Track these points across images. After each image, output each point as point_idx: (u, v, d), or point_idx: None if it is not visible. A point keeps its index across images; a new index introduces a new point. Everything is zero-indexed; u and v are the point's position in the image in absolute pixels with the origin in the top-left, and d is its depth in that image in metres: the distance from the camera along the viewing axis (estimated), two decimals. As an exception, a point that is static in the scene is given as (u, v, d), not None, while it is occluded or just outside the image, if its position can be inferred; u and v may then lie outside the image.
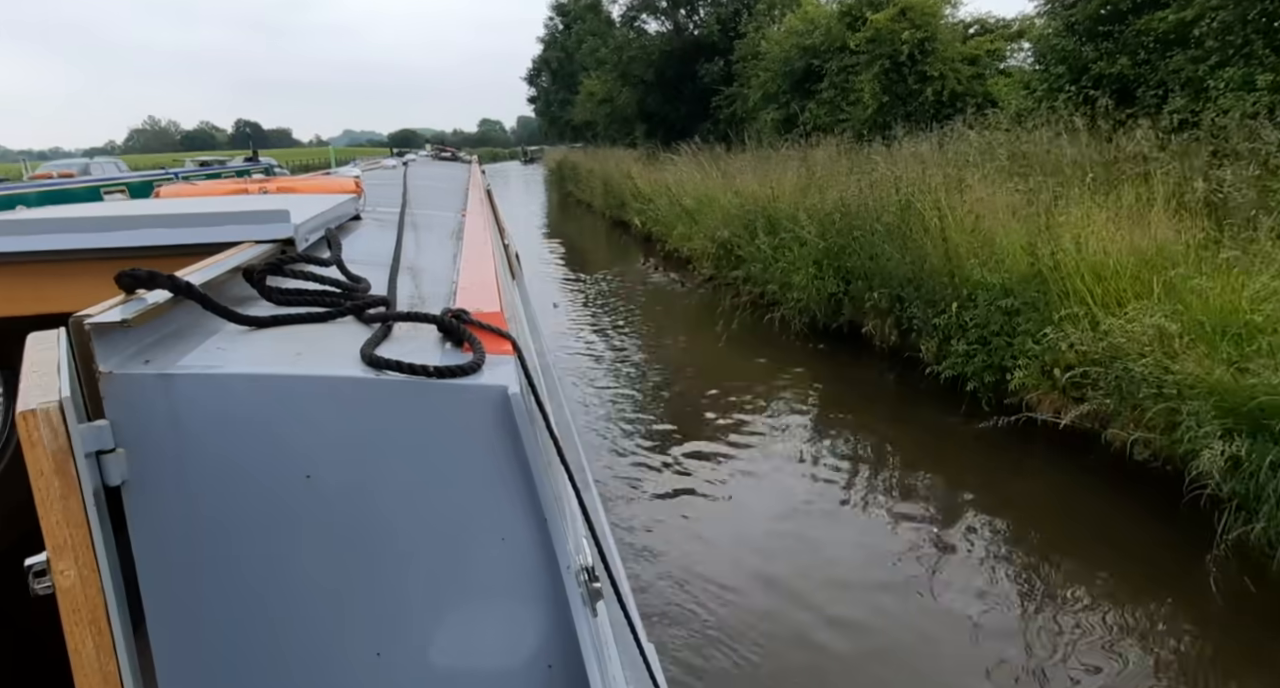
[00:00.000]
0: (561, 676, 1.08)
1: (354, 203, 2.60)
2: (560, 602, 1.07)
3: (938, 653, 3.46)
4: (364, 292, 1.36)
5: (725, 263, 10.40)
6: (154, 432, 0.91)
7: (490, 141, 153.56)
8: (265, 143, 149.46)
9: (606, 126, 31.34)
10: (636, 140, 28.91)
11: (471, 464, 1.04)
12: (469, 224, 2.86)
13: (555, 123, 57.59)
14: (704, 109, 26.08)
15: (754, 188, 10.40)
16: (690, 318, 9.82)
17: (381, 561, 1.01)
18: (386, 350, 1.05)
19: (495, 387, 1.02)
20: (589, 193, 24.84)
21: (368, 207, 2.85)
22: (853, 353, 7.54)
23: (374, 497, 1.00)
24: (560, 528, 1.07)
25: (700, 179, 12.53)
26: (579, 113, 41.11)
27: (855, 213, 7.66)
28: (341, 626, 1.01)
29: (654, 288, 12.16)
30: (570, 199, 29.79)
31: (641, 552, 4.34)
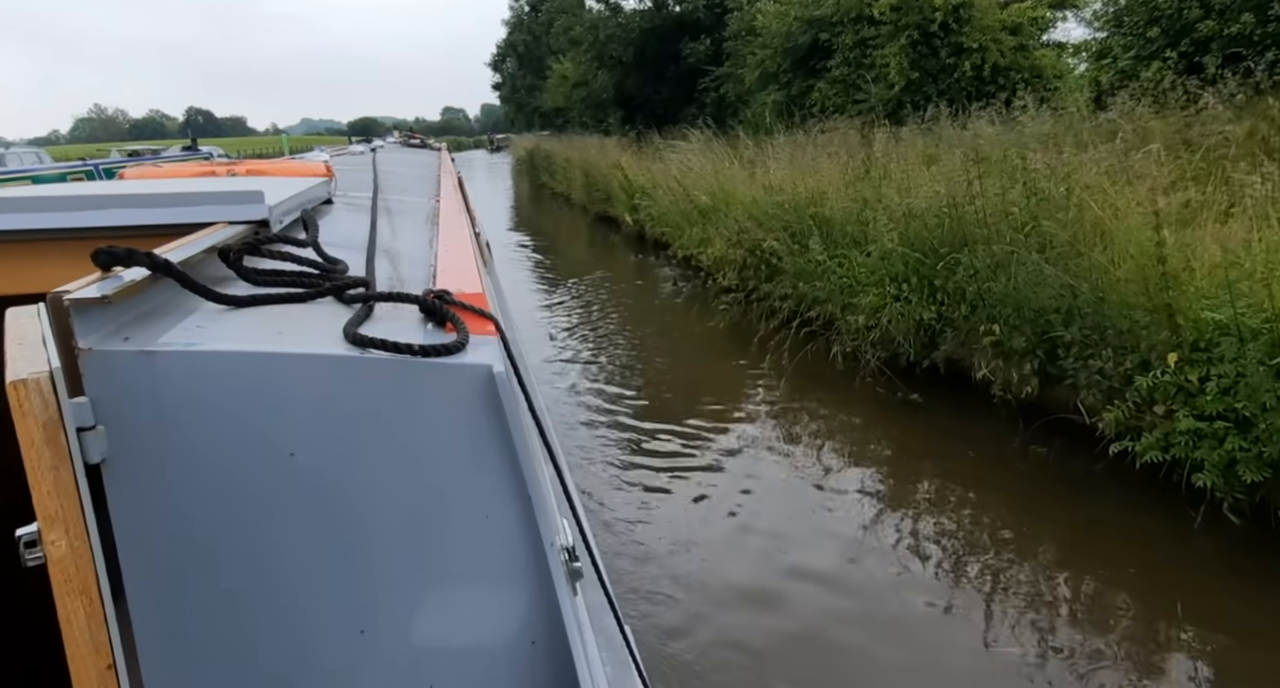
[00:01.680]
0: (544, 653, 1.09)
1: (326, 186, 2.49)
2: (544, 580, 1.08)
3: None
4: (342, 273, 1.33)
5: (756, 274, 8.41)
6: (135, 409, 0.90)
7: (454, 130, 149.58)
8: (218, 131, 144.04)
9: (581, 112, 29.06)
10: (611, 127, 26.76)
11: (456, 442, 1.04)
12: (444, 209, 2.79)
13: (523, 109, 55.05)
14: (689, 92, 24.05)
15: (791, 181, 8.38)
16: (718, 346, 7.79)
17: (365, 538, 1.01)
18: (369, 330, 1.04)
19: (480, 366, 1.02)
20: (566, 184, 22.61)
21: (339, 191, 2.75)
22: (957, 406, 5.58)
23: (358, 474, 1.00)
24: (543, 507, 1.08)
25: (712, 170, 10.46)
26: (549, 98, 38.78)
27: (968, 215, 5.68)
28: (325, 603, 1.01)
29: (664, 303, 10.12)
30: (544, 191, 27.46)
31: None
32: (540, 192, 28.02)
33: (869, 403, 5.89)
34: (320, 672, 1.03)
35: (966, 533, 4.14)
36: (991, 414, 5.28)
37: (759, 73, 18.00)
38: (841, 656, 3.31)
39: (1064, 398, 4.82)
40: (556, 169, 24.30)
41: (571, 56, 29.78)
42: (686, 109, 23.80)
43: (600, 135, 25.93)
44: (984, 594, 3.61)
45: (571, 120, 34.89)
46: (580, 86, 28.34)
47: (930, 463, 4.97)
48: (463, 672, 1.10)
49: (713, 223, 9.45)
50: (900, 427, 5.50)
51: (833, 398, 6.12)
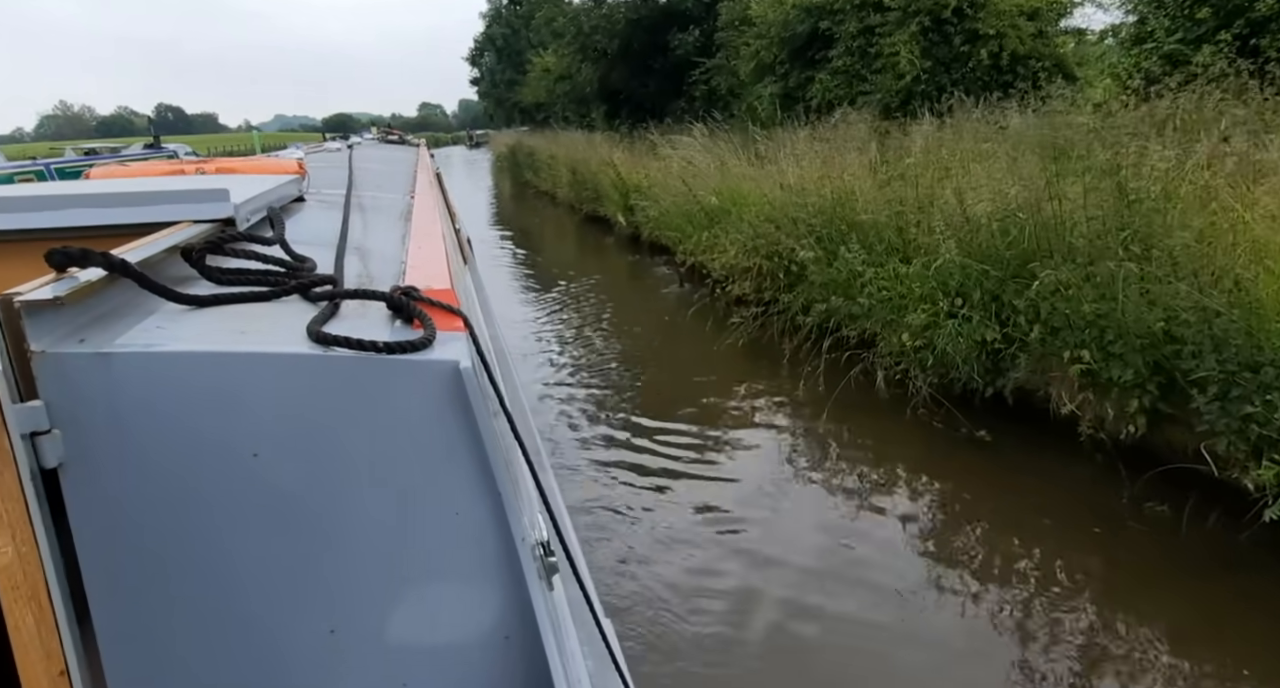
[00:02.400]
0: (519, 647, 1.09)
1: (297, 184, 2.43)
2: (516, 575, 1.07)
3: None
4: (309, 271, 1.30)
5: (773, 283, 7.58)
6: (92, 412, 0.89)
7: (431, 126, 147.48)
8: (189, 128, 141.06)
9: (564, 107, 28.06)
10: (595, 122, 25.79)
11: (423, 439, 1.03)
12: (418, 205, 2.73)
13: (502, 105, 53.84)
14: (676, 86, 23.16)
15: (812, 180, 7.54)
16: (739, 368, 6.94)
17: (333, 537, 1.00)
18: (334, 328, 1.02)
19: (446, 362, 1.01)
20: (551, 181, 21.65)
21: (312, 188, 2.70)
22: (1034, 446, 4.78)
23: (324, 474, 0.99)
24: (514, 502, 1.07)
25: (719, 168, 9.59)
26: (529, 93, 37.68)
27: (1048, 219, 4.86)
28: (293, 603, 1.00)
29: (670, 315, 9.27)
30: (527, 189, 26.45)
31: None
32: (523, 190, 27.01)
33: (927, 440, 5.07)
34: (290, 673, 1.02)
35: (1080, 619, 3.32)
36: (1080, 458, 4.48)
37: (754, 64, 17.17)
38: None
39: (1179, 442, 4.02)
40: (541, 166, 23.32)
41: (554, 49, 28.77)
42: (674, 103, 22.96)
43: (584, 130, 24.97)
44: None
45: (553, 115, 33.85)
46: (564, 80, 27.35)
47: (1011, 520, 4.15)
48: (437, 669, 1.09)
49: (722, 226, 8.60)
50: (971, 472, 4.68)
51: (882, 433, 5.30)
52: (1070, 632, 3.24)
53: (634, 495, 4.69)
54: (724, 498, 4.60)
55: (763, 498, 4.60)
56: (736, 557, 4.02)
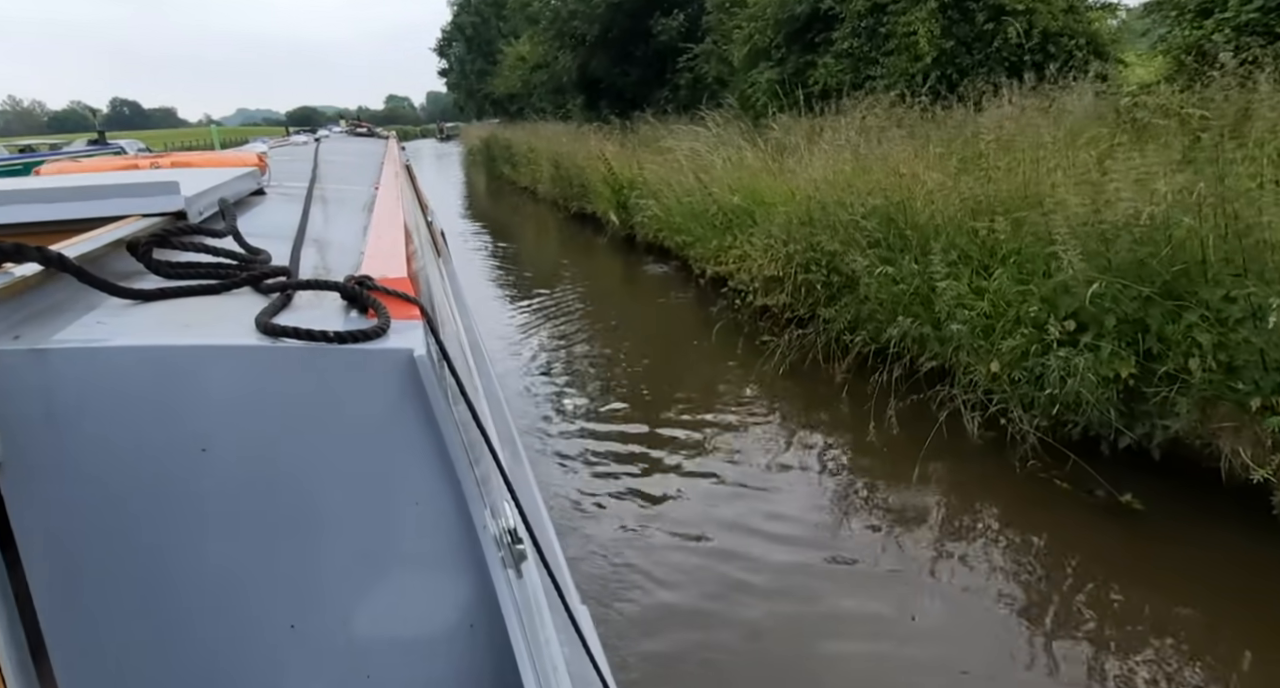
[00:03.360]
0: (484, 635, 1.08)
1: (255, 177, 2.34)
2: (480, 564, 1.06)
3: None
4: (263, 263, 1.28)
5: (808, 294, 6.51)
6: (29, 410, 0.88)
7: (399, 119, 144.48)
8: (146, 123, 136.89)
9: (541, 97, 26.73)
10: (572, 113, 24.52)
11: (380, 429, 1.02)
12: (382, 196, 2.65)
13: (473, 96, 52.21)
14: (659, 74, 22.03)
15: (854, 176, 6.44)
16: (786, 399, 5.83)
17: (289, 531, 0.99)
18: (287, 319, 1.01)
19: (400, 350, 0.99)
20: (531, 176, 20.37)
21: (273, 182, 2.62)
22: (1199, 517, 3.74)
23: (278, 467, 0.98)
24: (475, 491, 1.06)
25: (734, 163, 8.45)
26: (502, 83, 36.31)
27: (1223, 222, 3.79)
28: (250, 600, 0.99)
29: (687, 329, 8.14)
30: (504, 183, 25.09)
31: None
32: (500, 185, 25.64)
33: (1050, 504, 4.01)
34: (249, 669, 1.01)
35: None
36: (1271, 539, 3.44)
37: (748, 49, 16.05)
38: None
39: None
40: (519, 160, 22.02)
41: (530, 36, 27.43)
42: (657, 93, 21.87)
43: (560, 122, 23.70)
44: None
45: (528, 106, 32.47)
46: (540, 69, 26.03)
47: (1206, 629, 3.11)
48: (401, 660, 1.08)
49: (743, 229, 7.48)
50: (1124, 554, 3.62)
51: (991, 492, 4.23)
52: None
53: (707, 603, 3.57)
54: (823, 589, 3.51)
55: (879, 589, 3.52)
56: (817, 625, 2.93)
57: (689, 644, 3.27)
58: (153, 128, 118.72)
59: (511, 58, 30.82)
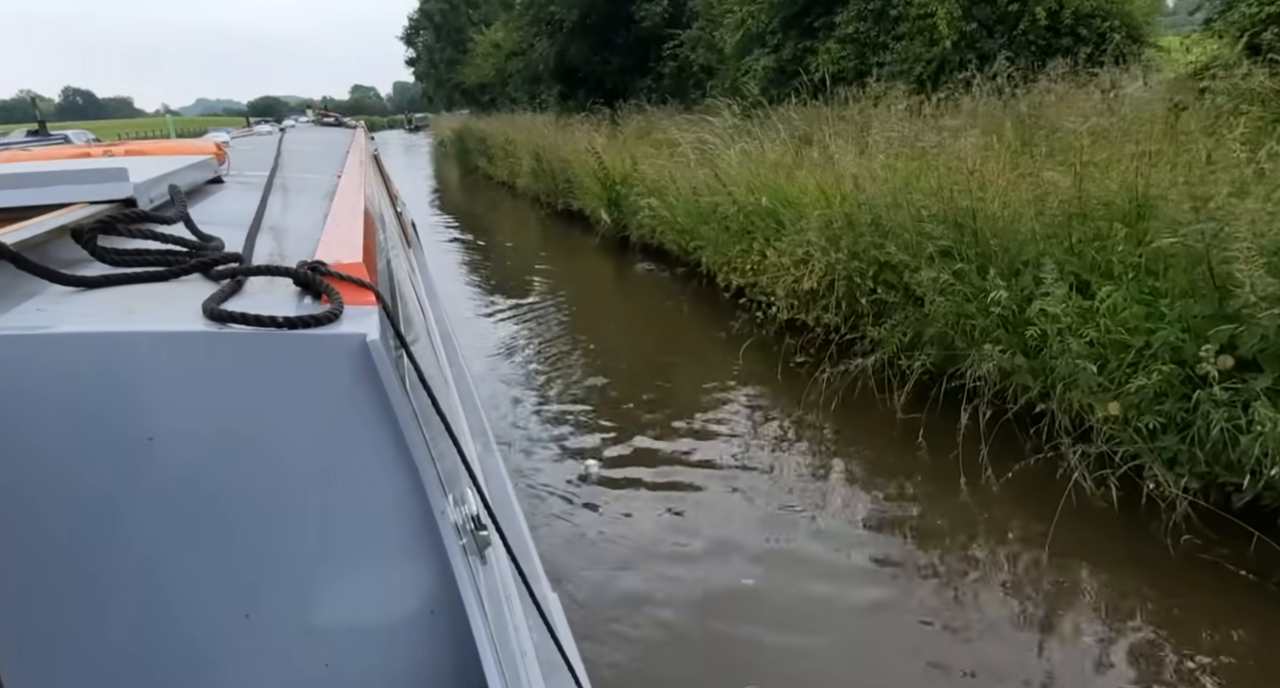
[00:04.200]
0: (446, 623, 1.07)
1: (211, 165, 2.29)
2: (441, 551, 1.05)
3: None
4: (215, 250, 1.24)
5: (850, 308, 5.64)
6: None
7: (365, 109, 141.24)
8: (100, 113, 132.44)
9: (517, 87, 25.54)
10: (546, 103, 23.41)
11: (333, 416, 1.00)
12: (344, 184, 2.51)
13: (442, 86, 50.67)
14: (641, 62, 21.05)
15: (909, 172, 5.55)
16: (853, 443, 4.93)
17: (241, 520, 0.98)
18: (236, 305, 0.98)
19: (353, 335, 0.97)
20: (509, 170, 19.26)
21: (233, 171, 2.58)
22: None
23: (227, 455, 0.96)
24: (433, 477, 1.04)
25: (734, 157, 7.49)
26: (473, 72, 35.00)
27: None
28: (203, 590, 0.99)
29: (705, 347, 7.22)
30: (479, 177, 23.88)
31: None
32: (475, 179, 24.42)
33: (1230, 600, 3.14)
34: (203, 662, 1.00)
35: None
36: None
37: (740, 34, 15.13)
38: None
39: None
40: (495, 152, 20.88)
41: (504, 22, 26.20)
42: (639, 81, 20.94)
43: (535, 113, 22.58)
44: None
45: (501, 97, 31.20)
46: (516, 57, 24.85)
47: None
48: (360, 649, 1.08)
49: (767, 233, 6.56)
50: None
51: (1139, 585, 3.35)
52: None
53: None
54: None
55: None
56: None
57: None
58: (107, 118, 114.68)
59: (484, 45, 29.55)
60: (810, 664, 3.01)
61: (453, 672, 1.09)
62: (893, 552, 3.71)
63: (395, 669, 1.09)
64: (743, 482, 4.41)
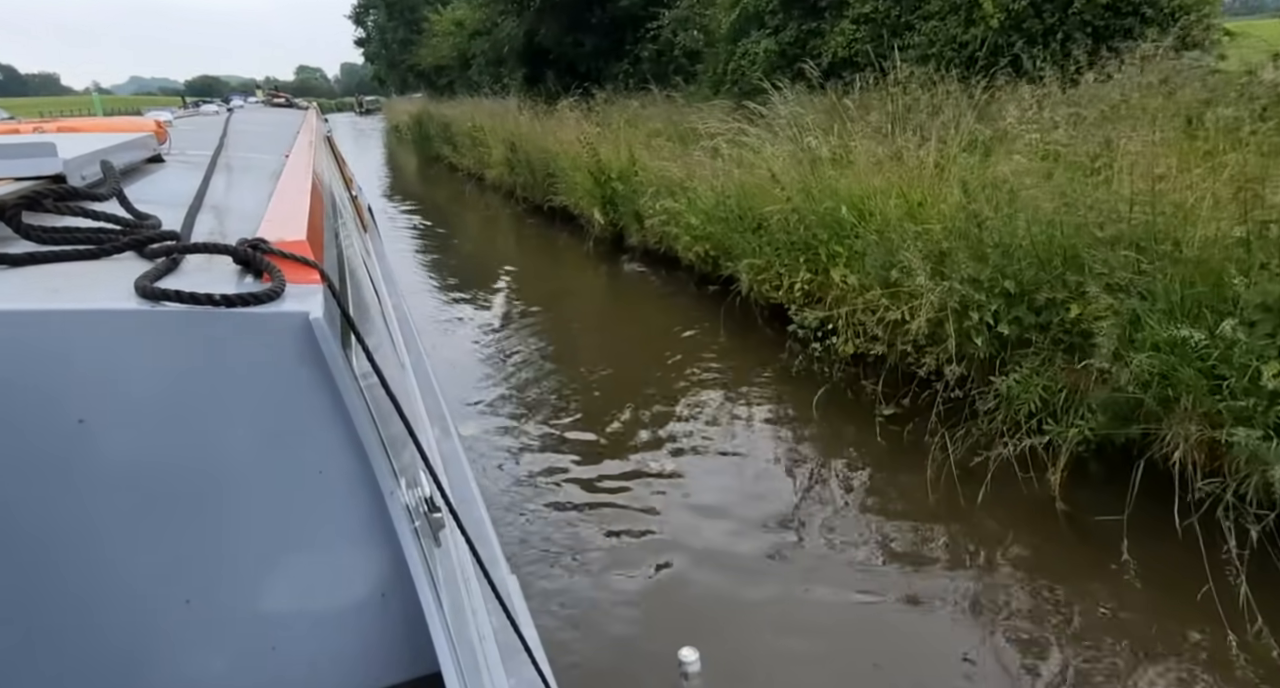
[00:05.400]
0: (397, 605, 1.05)
1: (150, 143, 2.21)
2: (391, 533, 1.02)
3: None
4: (151, 228, 1.19)
5: (960, 352, 4.41)
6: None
7: (311, 91, 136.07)
8: (24, 90, 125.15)
9: (481, 70, 23.79)
10: (510, 87, 21.78)
11: (276, 397, 0.96)
12: (292, 164, 2.45)
13: (395, 68, 48.22)
14: (617, 45, 19.61)
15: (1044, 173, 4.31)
16: (1004, 546, 3.67)
17: (181, 504, 0.95)
18: (174, 284, 0.93)
19: (295, 314, 0.94)
20: (476, 160, 17.64)
21: (174, 150, 2.51)
22: None
23: (167, 437, 0.92)
24: (382, 459, 1.02)
25: (783, 156, 6.15)
26: (429, 54, 32.95)
27: None
28: (141, 577, 0.95)
29: (770, 405, 5.92)
30: (441, 167, 22.09)
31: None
32: (437, 169, 22.61)
33: None
34: (142, 647, 0.97)
35: None
36: None
37: (737, 14, 13.82)
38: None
39: None
40: (461, 140, 19.21)
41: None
42: (615, 66, 19.54)
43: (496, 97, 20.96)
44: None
45: (460, 80, 29.31)
46: (480, 37, 23.09)
47: None
48: (309, 631, 1.04)
49: (835, 250, 5.27)
50: None
51: None
52: None
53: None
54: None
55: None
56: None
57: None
58: (31, 94, 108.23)
59: (444, 24, 27.62)
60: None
61: (404, 654, 1.08)
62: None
63: (345, 652, 1.07)
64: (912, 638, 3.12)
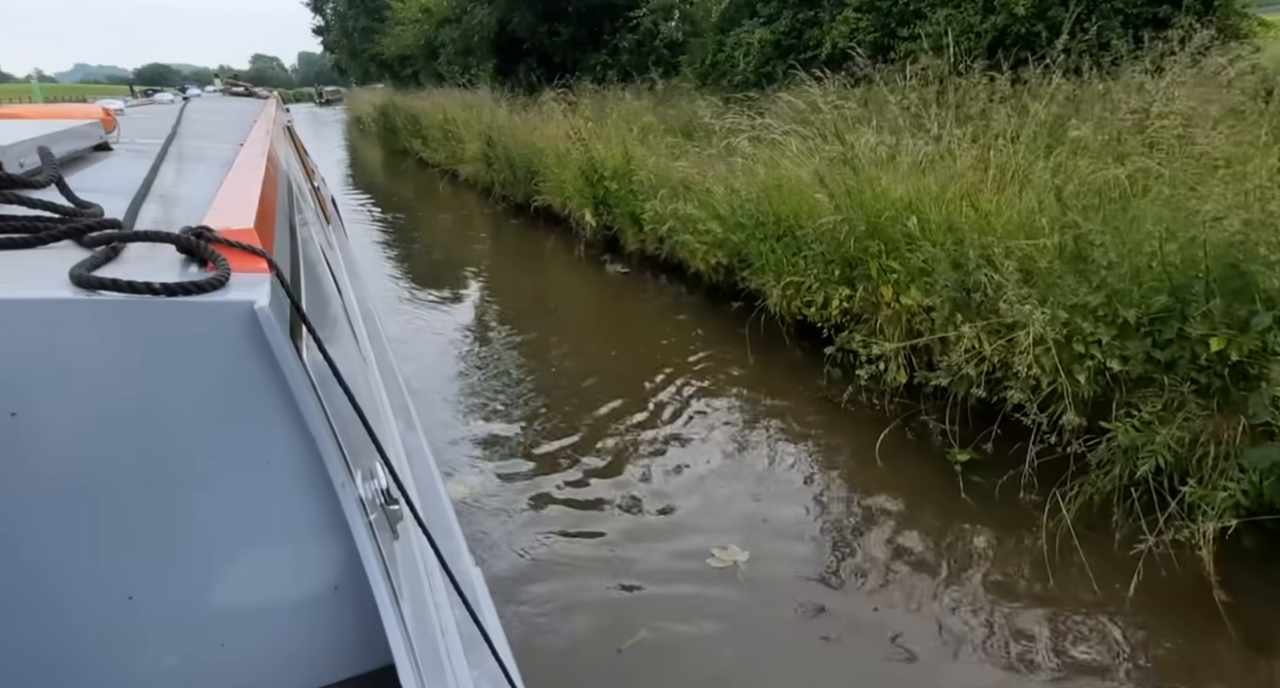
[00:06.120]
0: (351, 598, 1.03)
1: (96, 130, 2.16)
2: (343, 525, 1.00)
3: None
4: (92, 216, 1.16)
5: (1054, 393, 3.76)
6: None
7: (267, 81, 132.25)
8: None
9: (450, 59, 22.71)
10: (477, 78, 20.76)
11: (220, 387, 0.94)
12: (246, 152, 2.42)
13: (357, 57, 46.59)
14: (595, 35, 18.76)
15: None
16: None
17: (121, 498, 0.93)
18: (112, 272, 0.92)
19: (239, 303, 0.93)
20: (448, 154, 16.66)
21: (124, 138, 2.46)
22: None
23: (103, 430, 0.90)
24: (332, 450, 1.00)
25: (881, 152, 5.41)
26: (393, 43, 31.66)
27: None
28: (76, 574, 0.93)
29: (814, 445, 5.22)
30: (410, 161, 20.97)
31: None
32: (406, 162, 21.49)
33: None
34: (82, 647, 0.95)
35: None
36: None
37: (727, 1, 13.08)
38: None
39: None
40: (432, 134, 18.20)
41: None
42: (592, 56, 18.73)
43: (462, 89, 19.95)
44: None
45: (425, 70, 28.11)
46: (449, 25, 22.00)
47: None
48: (260, 627, 1.02)
49: (892, 266, 4.57)
50: None
51: None
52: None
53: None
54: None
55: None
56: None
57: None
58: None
59: (409, 11, 26.40)
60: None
61: (359, 648, 1.05)
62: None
63: (297, 647, 1.05)
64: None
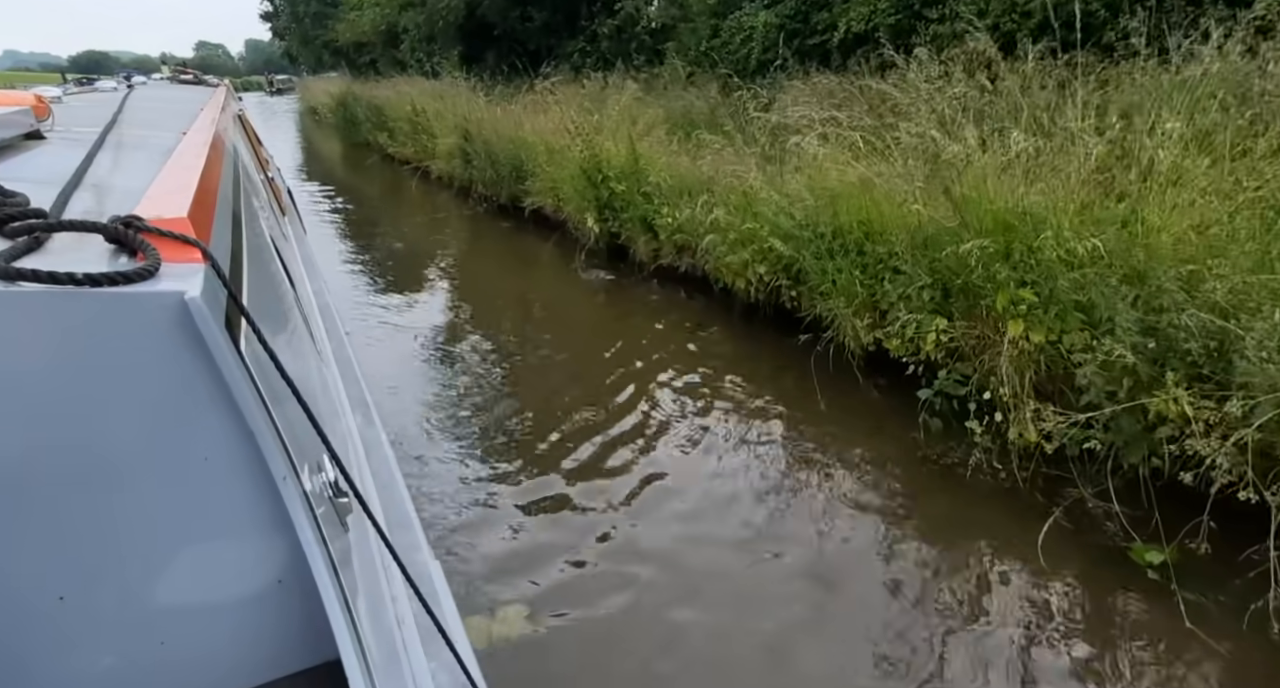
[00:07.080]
0: (296, 593, 1.02)
1: (26, 118, 2.12)
2: (286, 519, 0.98)
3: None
4: (15, 205, 1.12)
5: None
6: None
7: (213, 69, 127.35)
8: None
9: (414, 46, 21.31)
10: (441, 66, 19.51)
11: (153, 381, 0.92)
12: (189, 141, 2.32)
13: (309, 45, 44.47)
14: (571, 20, 17.66)
15: None
16: None
17: (47, 496, 0.90)
18: (38, 263, 0.89)
19: (169, 293, 0.90)
20: (417, 149, 15.37)
21: (57, 126, 2.40)
22: None
23: (30, 425, 0.87)
24: (272, 444, 0.98)
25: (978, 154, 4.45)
26: (348, 29, 30.07)
27: None
28: (4, 573, 0.90)
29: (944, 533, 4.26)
30: (375, 155, 19.57)
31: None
32: (366, 156, 20.04)
33: None
34: (9, 648, 0.91)
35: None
36: None
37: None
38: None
39: None
40: (398, 127, 16.87)
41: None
42: (568, 43, 17.64)
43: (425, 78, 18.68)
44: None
45: (384, 58, 26.60)
46: (411, 9, 20.60)
47: None
48: (201, 624, 1.00)
49: (1033, 301, 3.65)
50: None
51: None
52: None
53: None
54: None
55: None
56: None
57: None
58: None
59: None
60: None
61: (304, 643, 1.03)
62: None
63: (241, 643, 1.04)
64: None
